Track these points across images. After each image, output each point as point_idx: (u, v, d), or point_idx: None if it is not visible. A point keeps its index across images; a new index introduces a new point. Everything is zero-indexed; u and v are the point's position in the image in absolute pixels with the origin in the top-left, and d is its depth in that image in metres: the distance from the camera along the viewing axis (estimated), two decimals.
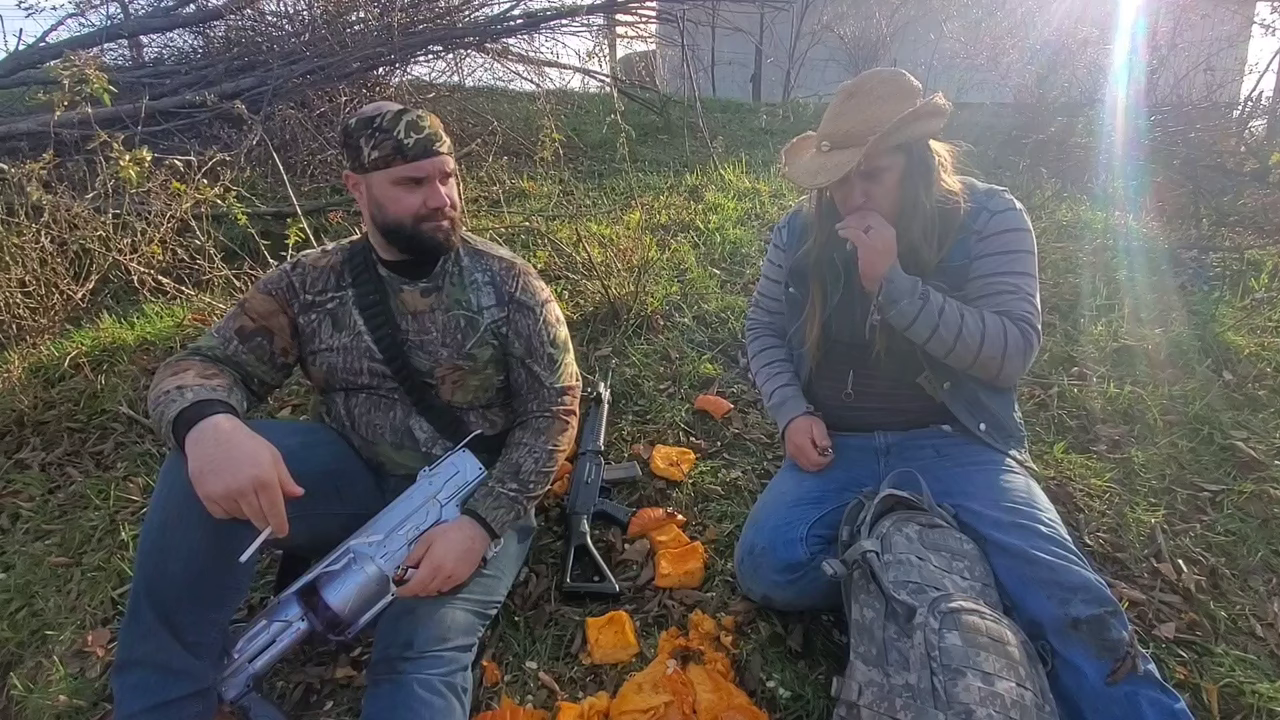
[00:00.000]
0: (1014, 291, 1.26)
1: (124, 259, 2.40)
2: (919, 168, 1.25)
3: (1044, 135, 4.25)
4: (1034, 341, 1.25)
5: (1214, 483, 1.73)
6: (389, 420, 1.33)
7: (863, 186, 1.24)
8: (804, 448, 1.39)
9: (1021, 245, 1.28)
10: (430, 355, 1.32)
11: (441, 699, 1.07)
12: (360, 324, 1.30)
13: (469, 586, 1.22)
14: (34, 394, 2.11)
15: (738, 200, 3.57)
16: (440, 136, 1.24)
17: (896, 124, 1.17)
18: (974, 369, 1.27)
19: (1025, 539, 1.13)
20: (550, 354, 1.39)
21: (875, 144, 1.16)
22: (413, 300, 1.33)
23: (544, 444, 1.35)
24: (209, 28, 4.71)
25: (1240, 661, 1.28)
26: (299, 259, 1.36)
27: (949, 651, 0.95)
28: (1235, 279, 2.73)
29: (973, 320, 1.22)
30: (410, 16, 4.35)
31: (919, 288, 1.22)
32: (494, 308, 1.36)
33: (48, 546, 1.68)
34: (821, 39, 8.28)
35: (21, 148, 3.13)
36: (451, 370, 1.33)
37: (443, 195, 1.24)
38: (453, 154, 1.28)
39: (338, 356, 1.31)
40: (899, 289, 1.22)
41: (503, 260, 1.40)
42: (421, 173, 1.22)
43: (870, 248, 1.21)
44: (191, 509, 1.05)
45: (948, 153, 1.32)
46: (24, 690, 1.34)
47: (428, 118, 1.24)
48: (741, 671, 1.27)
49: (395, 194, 1.22)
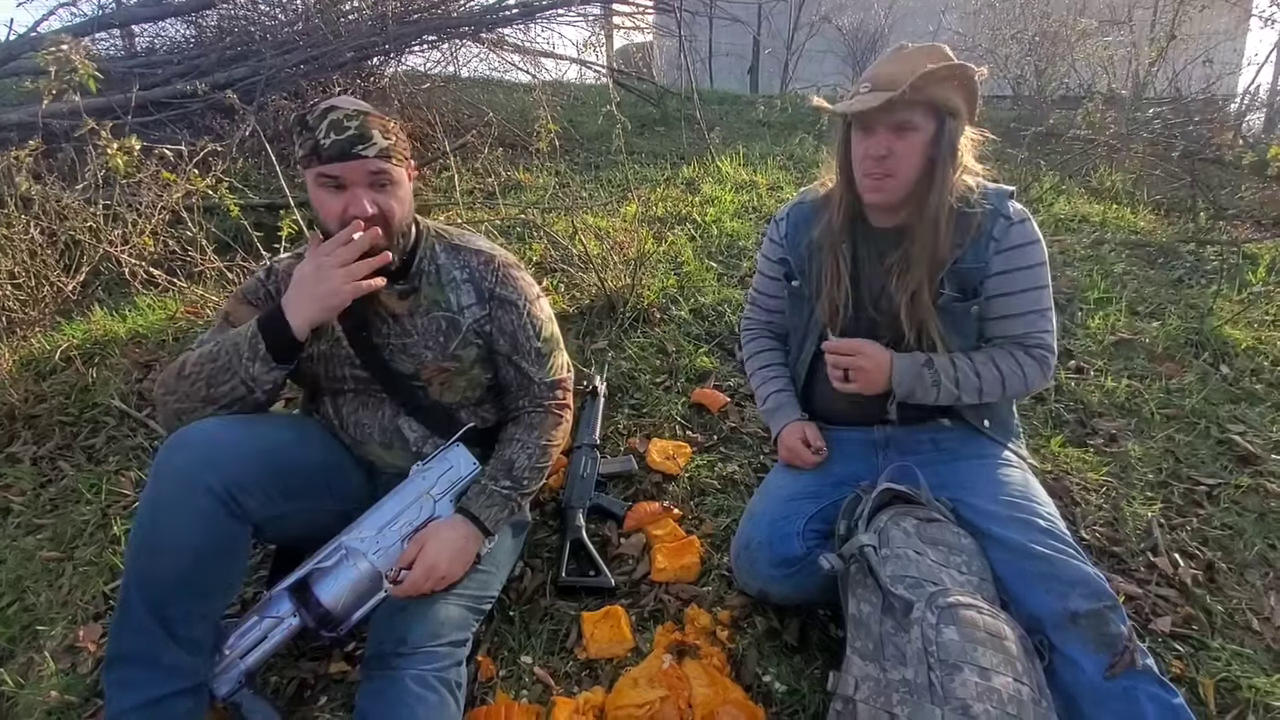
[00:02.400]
0: (1035, 311, 1.27)
1: (115, 250, 2.38)
2: (947, 139, 1.20)
3: (1042, 128, 4.23)
4: (1051, 364, 1.28)
5: (1211, 476, 1.73)
6: (377, 420, 1.31)
7: (885, 138, 1.19)
8: (797, 449, 1.39)
9: (1039, 259, 1.27)
10: (414, 358, 1.28)
11: (435, 694, 1.06)
12: (338, 330, 1.26)
13: (463, 582, 1.21)
14: (25, 387, 2.09)
15: (735, 192, 3.56)
16: (367, 139, 1.11)
17: (943, 68, 1.13)
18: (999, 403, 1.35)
19: (1023, 533, 1.12)
20: (537, 348, 1.36)
21: (918, 80, 1.12)
22: (390, 303, 1.27)
23: (537, 439, 1.33)
24: (201, 17, 4.64)
25: (1237, 655, 1.28)
26: (272, 265, 1.32)
27: (946, 646, 0.94)
28: (1232, 273, 2.73)
29: (988, 373, 1.25)
30: (404, 6, 4.30)
31: (926, 375, 1.24)
32: (475, 306, 1.31)
33: (39, 541, 1.67)
34: (820, 30, 8.25)
35: (11, 138, 3.09)
36: (438, 372, 1.30)
37: (363, 204, 1.12)
38: (391, 158, 1.15)
39: (319, 365, 1.28)
40: (908, 386, 1.25)
41: (481, 254, 1.33)
42: (338, 174, 1.12)
43: (863, 373, 1.25)
44: (186, 504, 1.05)
45: (974, 141, 1.28)
46: (15, 686, 1.33)
47: (363, 117, 1.12)
48: (738, 666, 1.27)
49: (320, 196, 1.15)
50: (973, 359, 1.26)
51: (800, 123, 5.35)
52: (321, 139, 1.10)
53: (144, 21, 4.67)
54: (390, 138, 1.15)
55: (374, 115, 1.15)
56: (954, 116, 1.18)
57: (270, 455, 1.16)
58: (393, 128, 1.17)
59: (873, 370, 1.24)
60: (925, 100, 1.15)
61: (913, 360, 1.24)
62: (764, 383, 1.52)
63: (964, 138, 1.23)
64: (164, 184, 2.39)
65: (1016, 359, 1.25)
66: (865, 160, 1.21)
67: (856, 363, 1.25)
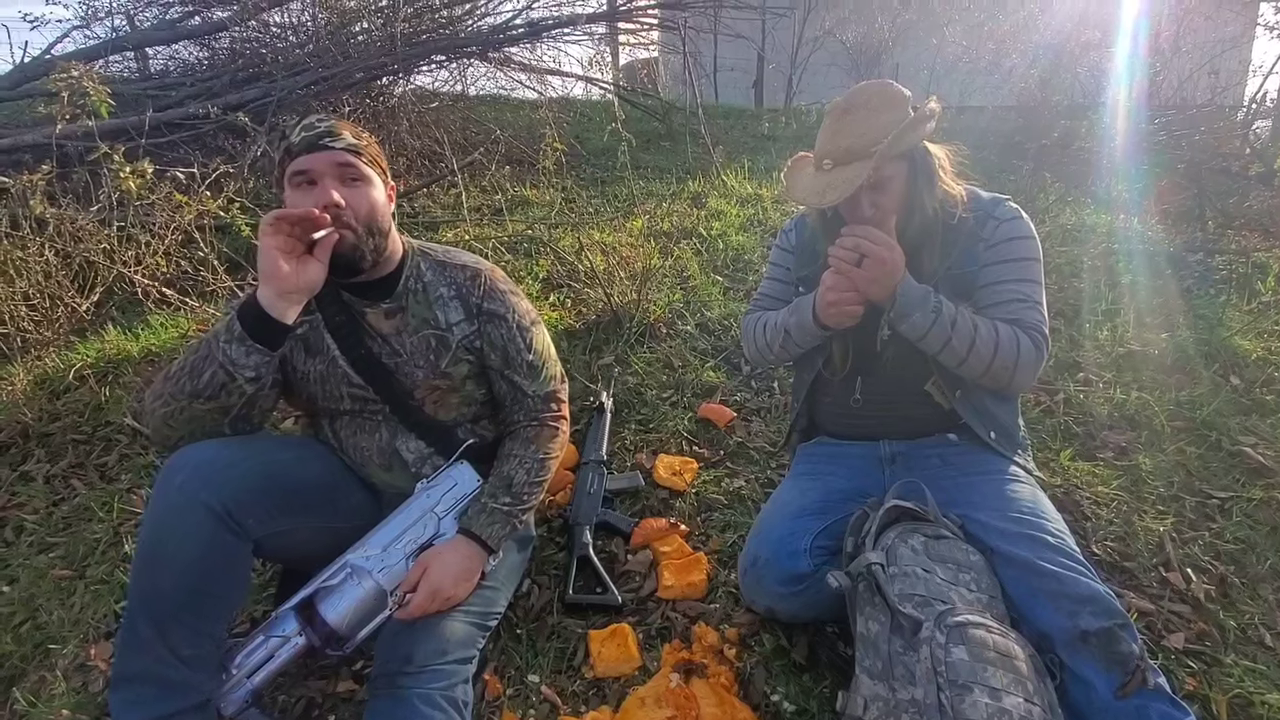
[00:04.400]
0: (1023, 300, 1.26)
1: (128, 271, 2.41)
2: (922, 172, 1.25)
3: (1047, 141, 4.23)
4: (1044, 350, 1.25)
5: (1222, 489, 1.71)
6: (375, 443, 1.31)
7: (870, 198, 1.24)
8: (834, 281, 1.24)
9: (1029, 253, 1.28)
10: (407, 376, 1.29)
11: (442, 713, 1.06)
12: (333, 348, 1.26)
13: (469, 600, 1.21)
14: (39, 406, 2.12)
15: (740, 207, 3.57)
16: (336, 134, 1.16)
17: (899, 134, 1.17)
18: (985, 379, 1.26)
19: (1033, 550, 1.11)
20: (529, 361, 1.36)
21: (881, 156, 1.16)
22: (378, 322, 1.28)
23: (534, 453, 1.33)
24: (214, 39, 4.74)
25: (1250, 672, 1.27)
26: None
27: (955, 666, 0.94)
28: (1242, 282, 2.71)
29: (985, 330, 1.22)
30: (414, 26, 4.37)
31: (931, 300, 1.21)
32: (463, 322, 1.31)
33: (51, 559, 1.69)
34: (823, 44, 8.29)
35: (26, 160, 3.15)
36: (431, 390, 1.31)
37: (330, 193, 1.13)
38: (359, 156, 1.18)
39: (316, 386, 1.28)
40: (911, 302, 1.20)
41: (466, 269, 1.33)
42: (307, 167, 1.14)
43: (878, 263, 1.18)
44: (185, 521, 1.06)
45: (946, 155, 1.32)
46: (28, 705, 1.34)
47: (333, 121, 1.18)
48: (745, 685, 1.26)
49: (294, 198, 1.16)
50: (975, 315, 1.24)
51: (805, 137, 5.38)
52: (293, 137, 1.16)
53: (158, 44, 4.76)
54: (360, 140, 1.20)
55: (348, 124, 1.21)
56: (920, 147, 1.23)
57: (268, 473, 1.17)
58: (366, 136, 1.23)
59: (889, 263, 1.17)
60: (894, 155, 1.19)
61: (923, 285, 1.22)
62: (775, 318, 1.44)
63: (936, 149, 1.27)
64: (176, 205, 2.43)
65: (1015, 332, 1.23)
66: (856, 221, 1.25)
67: (877, 250, 1.16)
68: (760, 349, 1.48)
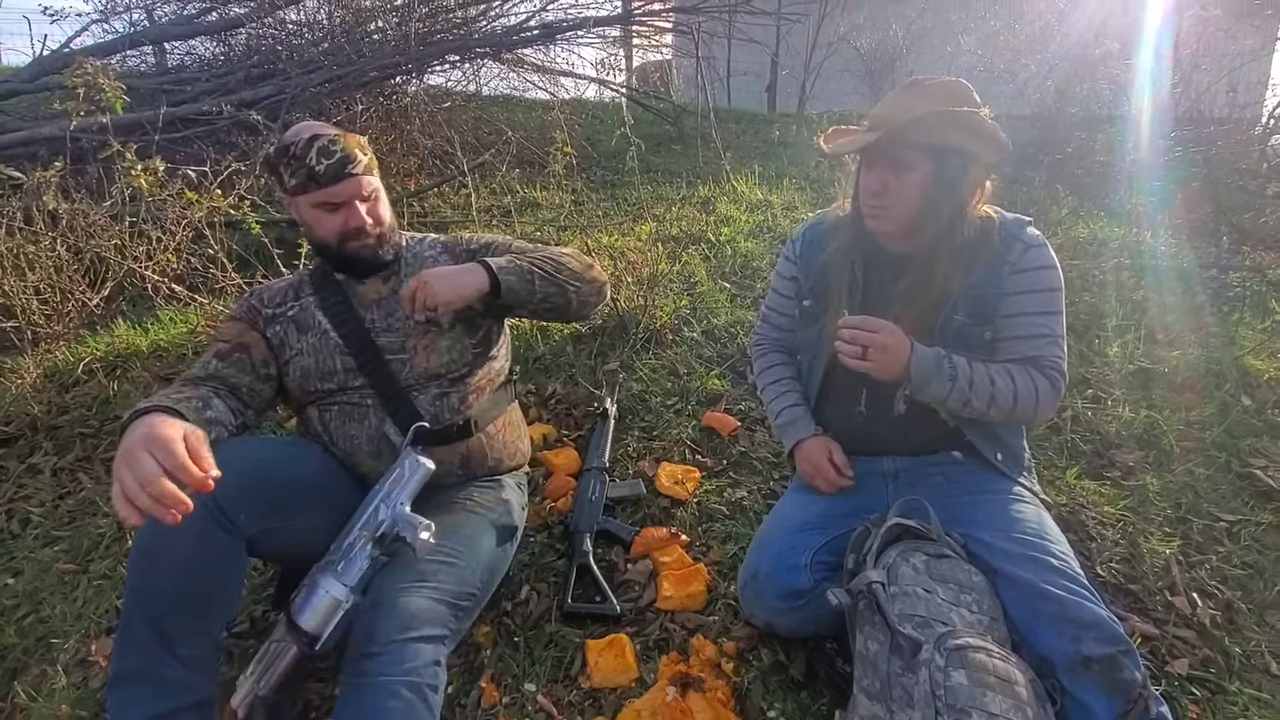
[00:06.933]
0: (1047, 335, 1.25)
1: (139, 266, 2.43)
2: (945, 181, 1.21)
3: (1061, 155, 4.20)
4: (1061, 387, 1.25)
5: (1231, 513, 1.69)
6: (364, 430, 1.34)
7: (883, 174, 1.22)
8: (822, 466, 1.36)
9: (1053, 283, 1.26)
10: (398, 332, 1.37)
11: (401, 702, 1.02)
12: (325, 323, 1.36)
13: (435, 574, 1.18)
14: (48, 399, 2.14)
15: (750, 212, 3.56)
16: (354, 159, 1.27)
17: (929, 114, 1.15)
18: (1004, 424, 1.29)
19: (1036, 572, 1.10)
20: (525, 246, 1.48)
21: (903, 125, 1.16)
22: (375, 289, 1.39)
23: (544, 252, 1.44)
24: (231, 35, 4.76)
25: (1255, 700, 1.25)
26: (255, 288, 1.46)
27: (954, 691, 0.93)
28: (1256, 300, 2.68)
29: (1002, 383, 1.21)
30: (428, 26, 4.38)
31: (945, 366, 1.20)
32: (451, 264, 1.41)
33: (56, 553, 1.70)
34: (837, 50, 8.26)
35: (41, 154, 3.18)
36: (421, 335, 1.37)
37: (361, 215, 1.29)
38: (372, 172, 1.32)
39: (309, 359, 1.35)
40: (926, 373, 1.19)
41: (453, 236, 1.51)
42: (336, 198, 1.27)
43: (883, 351, 1.16)
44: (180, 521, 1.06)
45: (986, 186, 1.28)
46: (28, 699, 1.35)
47: (342, 140, 1.26)
48: (742, 700, 1.25)
49: (316, 216, 1.29)
50: (989, 366, 1.23)
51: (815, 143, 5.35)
52: (315, 166, 1.23)
53: (175, 39, 4.79)
54: (366, 153, 1.32)
55: (348, 135, 1.29)
56: (958, 156, 1.19)
57: (259, 471, 1.17)
58: (364, 143, 1.33)
59: (893, 348, 1.17)
60: (922, 142, 1.18)
61: (933, 351, 1.21)
62: (776, 396, 1.50)
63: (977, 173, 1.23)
64: (187, 202, 2.44)
65: (1031, 376, 1.23)
66: (864, 192, 1.27)
67: (878, 339, 1.16)
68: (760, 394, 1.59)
